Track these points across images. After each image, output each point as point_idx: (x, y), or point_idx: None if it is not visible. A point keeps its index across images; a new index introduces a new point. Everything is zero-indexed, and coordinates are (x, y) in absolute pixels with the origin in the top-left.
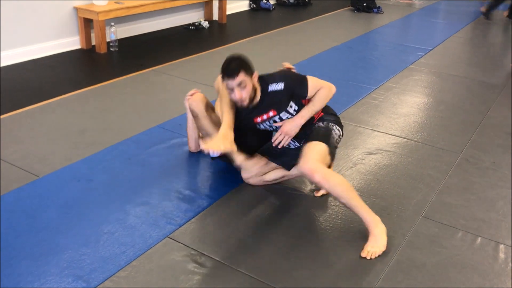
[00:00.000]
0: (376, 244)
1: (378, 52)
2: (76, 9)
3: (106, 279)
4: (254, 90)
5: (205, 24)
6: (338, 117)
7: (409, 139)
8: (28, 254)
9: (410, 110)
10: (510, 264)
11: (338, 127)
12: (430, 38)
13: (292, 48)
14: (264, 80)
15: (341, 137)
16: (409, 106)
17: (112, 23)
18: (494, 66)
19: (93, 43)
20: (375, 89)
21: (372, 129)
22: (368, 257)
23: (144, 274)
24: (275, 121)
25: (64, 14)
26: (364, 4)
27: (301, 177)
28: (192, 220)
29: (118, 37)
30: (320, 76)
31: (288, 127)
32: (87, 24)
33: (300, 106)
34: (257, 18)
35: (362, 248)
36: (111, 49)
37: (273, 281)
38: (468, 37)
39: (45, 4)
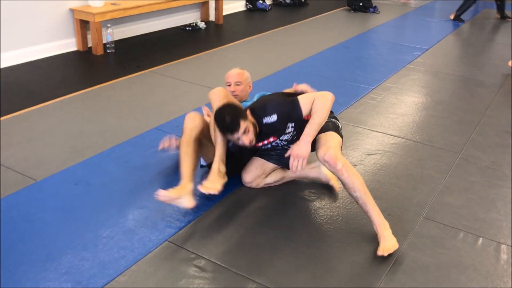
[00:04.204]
0: (388, 242)
1: (375, 51)
2: (72, 10)
3: (105, 284)
4: (255, 126)
5: (202, 25)
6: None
7: (408, 139)
8: (27, 260)
9: (408, 110)
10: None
11: (339, 122)
12: (426, 38)
13: (289, 49)
14: (257, 114)
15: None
16: (407, 106)
17: (109, 25)
18: (491, 65)
19: (90, 44)
20: (373, 89)
21: (371, 130)
22: (385, 254)
23: (144, 278)
24: (276, 144)
25: (60, 15)
26: (361, 4)
27: (300, 178)
28: (192, 223)
29: (115, 39)
30: (318, 76)
31: (297, 151)
32: (83, 25)
33: (298, 122)
34: (254, 19)
35: (377, 248)
36: (108, 51)
37: (275, 284)
38: (464, 36)
39: (40, 6)
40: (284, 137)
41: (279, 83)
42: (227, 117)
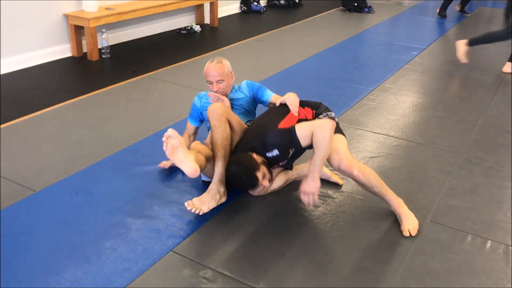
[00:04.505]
0: (410, 220)
1: (372, 52)
2: (66, 16)
3: None
4: (265, 163)
5: (197, 28)
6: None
7: (410, 141)
8: (28, 274)
9: (408, 110)
10: None
11: (331, 113)
12: (422, 37)
13: (286, 51)
14: (260, 152)
15: None
16: (408, 106)
17: (103, 30)
18: (488, 64)
19: (85, 50)
20: (372, 90)
21: (372, 132)
22: (413, 234)
23: None
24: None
25: (54, 21)
26: (355, 4)
27: (302, 177)
28: (195, 232)
29: (110, 44)
30: (317, 78)
31: (307, 188)
32: (77, 31)
33: (298, 148)
34: (249, 21)
35: (402, 230)
36: (103, 56)
37: None
38: (460, 34)
39: (34, 12)
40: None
41: (278, 86)
42: (244, 177)
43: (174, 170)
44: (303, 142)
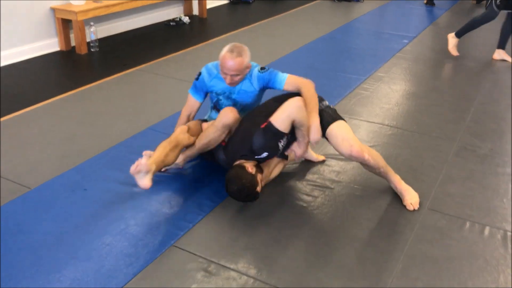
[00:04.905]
0: (411, 195)
1: (363, 41)
2: (53, 9)
3: None
4: (258, 166)
5: (186, 19)
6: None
7: (405, 129)
8: (27, 274)
9: (402, 99)
10: None
11: (325, 101)
12: (412, 25)
13: (277, 41)
14: (250, 156)
15: None
16: (401, 95)
17: (91, 23)
18: (477, 51)
19: (73, 44)
20: (365, 79)
21: (367, 121)
22: (416, 207)
23: (152, 286)
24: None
25: (41, 15)
26: None
27: (298, 161)
28: (195, 225)
29: (98, 37)
30: (309, 69)
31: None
32: (65, 24)
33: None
34: (238, 11)
35: (405, 205)
36: (92, 50)
37: (286, 284)
38: (449, 22)
39: (20, 6)
40: (283, 143)
41: None
42: (245, 196)
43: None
44: (285, 128)
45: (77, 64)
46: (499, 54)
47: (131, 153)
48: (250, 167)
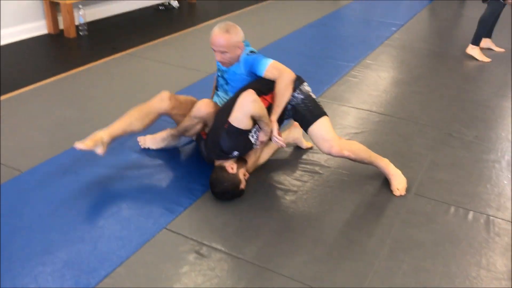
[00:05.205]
0: (398, 180)
1: (353, 28)
2: None
3: (106, 276)
4: (237, 161)
5: (175, 3)
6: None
7: (393, 116)
8: (22, 254)
9: (390, 86)
10: (502, 236)
11: (307, 87)
12: (401, 13)
13: (266, 27)
14: (226, 155)
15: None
16: (389, 82)
17: (80, 6)
18: (465, 40)
19: (61, 27)
20: (354, 66)
21: (355, 108)
22: (403, 193)
23: (145, 268)
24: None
25: None
26: None
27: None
28: (188, 209)
29: (87, 20)
30: (299, 55)
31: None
32: (53, 7)
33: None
34: None
35: (391, 190)
36: (81, 33)
37: (276, 267)
38: (436, 11)
39: None
40: (255, 137)
41: None
42: (230, 195)
43: (162, 149)
44: (246, 125)
45: (66, 47)
46: (485, 43)
47: (123, 138)
48: (230, 166)
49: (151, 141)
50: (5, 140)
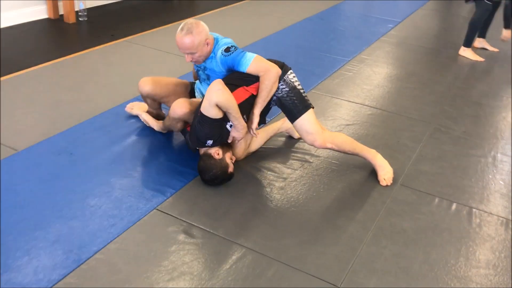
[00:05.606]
0: (385, 170)
1: (350, 23)
2: None
3: (96, 252)
4: (222, 147)
5: None
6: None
7: (384, 110)
8: (15, 229)
9: (383, 81)
10: (483, 227)
11: (292, 76)
12: (398, 10)
13: (264, 19)
14: (200, 145)
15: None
16: (382, 77)
17: None
18: (459, 39)
19: (61, 12)
20: (349, 60)
21: (348, 101)
22: (389, 183)
23: (135, 245)
24: None
25: None
26: None
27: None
28: (179, 191)
29: (87, 7)
30: (296, 48)
31: (237, 135)
32: None
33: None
34: None
35: (378, 180)
36: (80, 19)
37: (262, 248)
38: (435, 9)
39: None
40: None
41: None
42: (218, 181)
43: (155, 132)
44: (215, 114)
45: (65, 32)
46: (480, 43)
47: (118, 121)
48: (216, 152)
49: (138, 107)
50: (2, 120)
